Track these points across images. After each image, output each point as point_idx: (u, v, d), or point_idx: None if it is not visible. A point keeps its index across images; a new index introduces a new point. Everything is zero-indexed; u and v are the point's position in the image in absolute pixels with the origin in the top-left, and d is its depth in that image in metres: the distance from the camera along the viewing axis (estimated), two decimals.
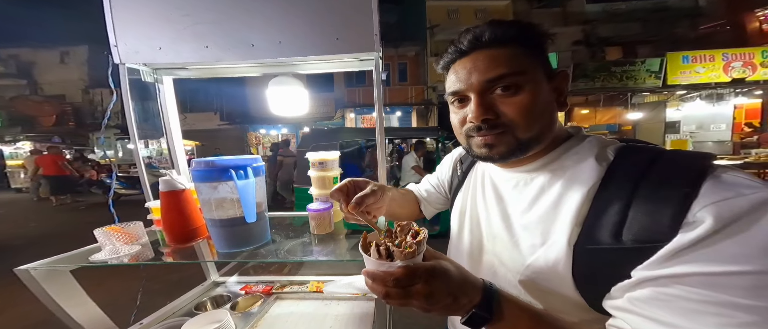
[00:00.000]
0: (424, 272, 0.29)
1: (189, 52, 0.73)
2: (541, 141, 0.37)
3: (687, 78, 6.80)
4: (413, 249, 0.30)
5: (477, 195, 0.47)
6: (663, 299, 0.25)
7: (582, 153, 0.36)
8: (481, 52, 0.36)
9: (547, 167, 0.38)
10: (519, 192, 0.40)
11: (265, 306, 0.85)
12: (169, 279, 1.39)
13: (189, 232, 0.62)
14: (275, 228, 0.76)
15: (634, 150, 0.33)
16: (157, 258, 0.60)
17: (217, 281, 0.99)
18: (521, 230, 0.38)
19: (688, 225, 0.25)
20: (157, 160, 6.02)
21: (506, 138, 0.36)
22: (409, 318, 1.77)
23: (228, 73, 0.86)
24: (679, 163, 0.29)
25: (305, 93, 0.92)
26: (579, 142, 0.37)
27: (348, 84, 10.11)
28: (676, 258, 0.25)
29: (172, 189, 0.60)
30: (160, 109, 0.89)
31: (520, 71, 0.35)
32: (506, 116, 0.35)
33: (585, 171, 0.34)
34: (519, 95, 0.35)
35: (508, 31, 0.35)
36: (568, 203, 0.34)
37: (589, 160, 0.34)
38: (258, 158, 0.64)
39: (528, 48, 0.36)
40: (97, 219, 0.61)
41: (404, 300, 0.29)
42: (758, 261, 0.22)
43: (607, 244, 0.29)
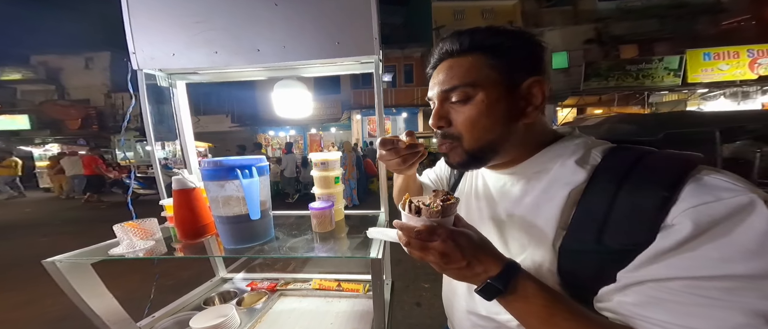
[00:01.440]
0: (443, 231, 0.31)
1: (200, 57, 0.78)
2: (495, 150, 0.38)
3: (709, 75, 6.48)
4: (438, 209, 0.32)
5: (471, 194, 0.49)
6: (653, 302, 0.26)
7: (566, 155, 0.36)
8: (446, 62, 0.39)
9: (530, 169, 0.39)
10: (505, 193, 0.42)
11: (270, 303, 0.88)
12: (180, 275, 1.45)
13: (199, 229, 0.65)
14: (279, 226, 0.78)
15: (622, 150, 0.33)
16: (170, 253, 0.64)
17: (225, 277, 1.03)
18: (509, 230, 0.40)
19: (666, 229, 0.26)
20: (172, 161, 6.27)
21: (456, 149, 0.39)
22: (412, 318, 1.76)
23: (236, 76, 0.91)
24: (661, 165, 0.29)
25: (309, 95, 0.95)
26: (565, 144, 0.37)
27: (354, 86, 10.22)
28: (657, 261, 0.26)
29: (183, 187, 0.64)
30: (174, 112, 0.94)
31: (470, 83, 0.36)
32: (456, 126, 0.38)
33: (567, 174, 0.34)
34: (467, 106, 0.37)
35: (465, 41, 0.36)
36: (551, 205, 0.34)
37: (570, 163, 0.35)
38: (263, 158, 0.67)
39: (489, 57, 0.35)
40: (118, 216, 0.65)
41: (421, 253, 0.32)
42: (737, 265, 0.23)
43: (591, 246, 0.30)
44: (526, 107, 0.36)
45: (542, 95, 0.36)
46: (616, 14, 8.34)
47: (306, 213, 0.80)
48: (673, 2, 8.03)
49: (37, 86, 11.26)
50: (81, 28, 13.22)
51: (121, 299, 0.63)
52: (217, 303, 0.90)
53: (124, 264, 1.31)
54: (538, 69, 0.36)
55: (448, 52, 0.38)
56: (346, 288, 0.92)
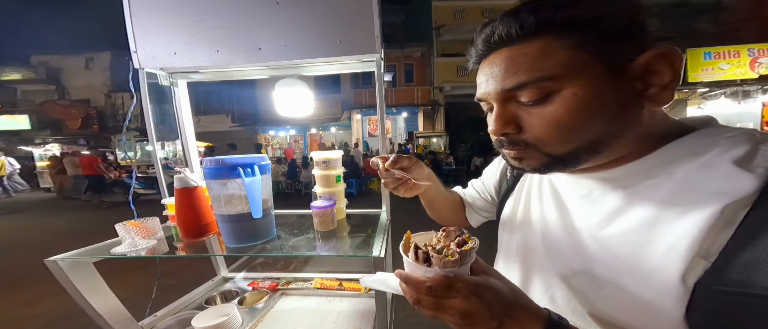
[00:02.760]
0: (464, 286, 0.24)
1: (202, 56, 0.78)
2: (599, 151, 0.28)
3: (710, 75, 6.47)
4: (455, 259, 0.26)
5: (532, 201, 0.39)
6: None
7: (712, 153, 0.25)
8: (501, 51, 0.28)
9: (638, 173, 0.28)
10: (591, 203, 0.31)
11: (271, 302, 0.88)
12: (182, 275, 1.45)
13: (201, 227, 0.65)
14: (280, 225, 0.78)
15: None
16: (172, 251, 0.64)
17: (227, 277, 1.03)
18: (596, 249, 0.30)
19: None
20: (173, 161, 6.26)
21: (533, 153, 0.30)
22: (414, 317, 1.76)
23: (237, 75, 0.91)
24: None
25: (310, 94, 0.95)
26: (704, 138, 0.26)
27: (354, 85, 10.21)
28: None
29: (185, 186, 0.64)
30: (176, 111, 0.94)
31: (547, 75, 0.26)
32: (531, 131, 0.29)
33: (717, 180, 0.24)
34: (548, 105, 0.27)
35: (528, 20, 0.26)
36: (683, 223, 0.24)
37: (724, 164, 0.24)
38: (265, 157, 0.67)
39: (571, 35, 0.25)
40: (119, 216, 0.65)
41: (436, 312, 0.26)
42: None
43: (761, 290, 0.20)
44: (646, 89, 0.26)
45: (673, 70, 0.25)
46: None
47: (307, 212, 0.80)
48: (675, 1, 8.01)
49: (37, 86, 11.28)
50: (82, 27, 13.26)
51: (123, 298, 0.63)
52: (218, 302, 0.90)
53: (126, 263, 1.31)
54: (644, 36, 0.26)
55: (502, 39, 0.28)
56: (348, 288, 0.92)
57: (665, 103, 0.26)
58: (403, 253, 0.30)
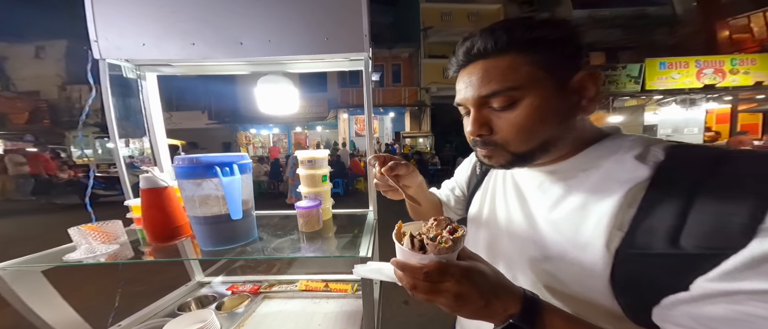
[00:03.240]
0: (457, 270, 0.28)
1: (175, 49, 0.72)
2: (547, 149, 0.34)
3: (664, 83, 7.19)
4: (449, 245, 0.29)
5: (497, 194, 0.45)
6: (741, 319, 0.22)
7: (620, 151, 0.32)
8: (477, 63, 0.34)
9: (576, 166, 0.35)
10: (543, 191, 0.37)
11: (253, 306, 0.84)
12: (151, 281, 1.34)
13: (171, 230, 0.61)
14: (262, 226, 0.75)
15: (690, 148, 0.30)
16: (137, 256, 0.59)
17: (202, 281, 0.97)
18: (547, 230, 0.35)
19: (765, 232, 0.22)
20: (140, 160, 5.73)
21: (501, 152, 0.35)
22: (401, 316, 1.78)
23: (215, 70, 0.85)
24: (750, 163, 0.26)
25: (295, 92, 0.92)
26: (617, 141, 0.34)
27: (341, 84, 10.06)
28: (753, 269, 0.22)
29: (153, 186, 0.59)
30: (142, 106, 0.86)
31: (513, 86, 0.32)
32: (500, 133, 0.34)
33: (625, 170, 0.31)
34: (513, 111, 0.33)
35: (502, 39, 0.32)
36: (604, 204, 0.31)
37: (628, 159, 0.31)
38: (245, 155, 0.63)
39: (530, 54, 0.31)
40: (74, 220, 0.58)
41: (431, 296, 0.28)
42: None
43: (659, 249, 0.26)
44: (580, 101, 0.33)
45: (596, 87, 0.32)
46: (588, 22, 8.94)
47: (291, 213, 0.77)
48: (636, 13, 8.79)
49: None
50: (31, 13, 11.72)
51: (83, 307, 0.58)
52: (193, 308, 0.85)
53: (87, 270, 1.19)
54: (582, 59, 0.33)
55: (480, 53, 0.33)
56: (334, 289, 0.91)
57: (592, 112, 0.34)
58: (397, 241, 0.32)
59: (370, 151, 0.82)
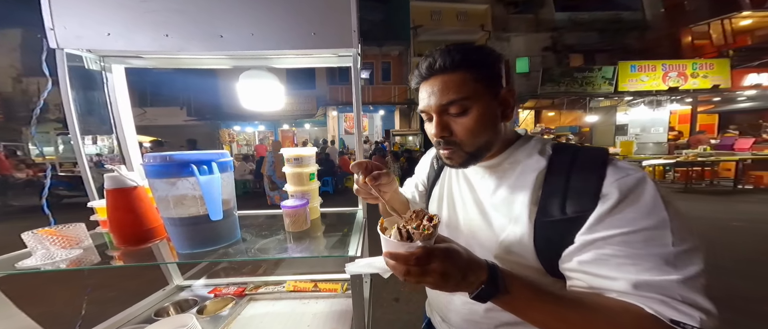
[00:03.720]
0: (440, 252, 0.32)
1: (146, 40, 0.67)
2: (489, 148, 0.45)
3: (634, 85, 7.70)
4: (431, 232, 0.33)
5: (453, 186, 0.54)
6: (602, 258, 0.34)
7: (529, 149, 0.45)
8: (437, 77, 0.42)
9: (504, 161, 0.46)
10: (485, 181, 0.48)
11: (237, 308, 0.81)
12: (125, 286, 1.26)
13: (143, 233, 0.57)
14: (246, 227, 0.72)
15: (563, 146, 0.44)
16: (105, 261, 0.54)
17: (182, 285, 0.92)
18: (491, 211, 0.45)
19: (603, 197, 0.35)
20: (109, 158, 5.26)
21: (458, 153, 0.44)
22: (392, 314, 1.79)
23: (192, 64, 0.80)
24: (592, 154, 0.40)
25: (280, 88, 0.88)
26: (527, 141, 0.47)
27: (331, 81, 9.87)
28: (601, 222, 0.34)
29: (120, 186, 0.54)
30: (108, 101, 0.79)
31: (466, 96, 0.41)
32: (456, 134, 0.43)
33: (534, 162, 0.43)
34: (466, 117, 0.42)
35: (456, 58, 0.41)
36: (524, 187, 0.42)
37: (535, 154, 0.44)
38: (225, 153, 0.60)
39: (476, 72, 0.41)
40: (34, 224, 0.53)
41: (422, 278, 0.32)
42: (644, 221, 0.33)
43: (557, 217, 0.37)
44: (504, 110, 0.44)
45: (514, 100, 0.44)
46: (568, 25, 9.36)
47: (277, 213, 0.75)
48: (611, 17, 9.29)
49: None
50: None
51: (45, 318, 0.53)
52: (172, 312, 0.80)
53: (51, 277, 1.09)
54: (505, 79, 0.43)
55: (440, 68, 0.42)
56: (324, 289, 0.89)
57: (511, 119, 0.45)
58: (383, 235, 0.35)
59: (360, 148, 0.81)
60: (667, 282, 0.31)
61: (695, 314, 0.30)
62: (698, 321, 0.29)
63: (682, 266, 0.31)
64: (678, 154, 5.60)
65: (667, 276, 0.31)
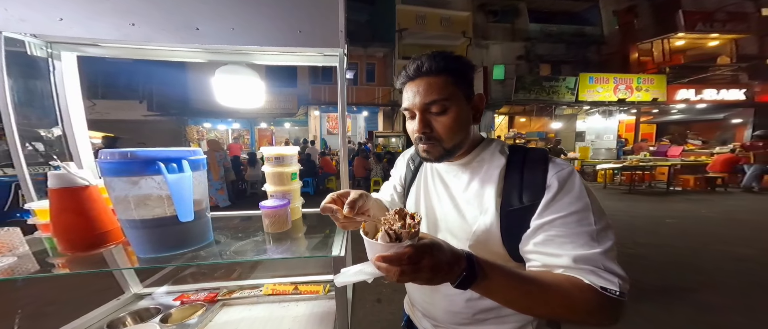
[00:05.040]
0: (428, 248, 0.33)
1: (107, 28, 0.61)
2: (462, 146, 0.50)
3: (591, 96, 8.60)
4: (416, 230, 0.34)
5: (429, 184, 0.58)
6: (549, 239, 0.41)
7: (492, 149, 0.52)
8: (423, 79, 0.47)
9: (473, 160, 0.52)
10: (458, 178, 0.53)
11: (208, 315, 0.75)
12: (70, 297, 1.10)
13: (95, 237, 0.51)
14: (219, 229, 0.67)
15: (516, 147, 0.51)
16: (45, 269, 0.47)
17: (141, 293, 0.83)
18: (464, 205, 0.50)
19: (548, 188, 0.43)
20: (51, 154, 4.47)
21: (437, 147, 0.49)
22: (374, 315, 1.78)
23: (161, 56, 0.73)
24: (538, 154, 0.48)
25: (261, 84, 0.84)
26: (489, 143, 0.53)
27: (313, 80, 9.59)
28: (547, 208, 0.42)
29: (68, 185, 0.48)
30: (54, 91, 0.69)
31: (446, 97, 0.46)
32: (436, 131, 0.48)
33: (496, 160, 0.50)
34: (445, 116, 0.47)
35: (441, 64, 0.46)
36: (491, 181, 0.48)
37: (497, 154, 0.51)
38: (198, 151, 0.56)
39: (454, 77, 0.47)
40: None
41: (414, 275, 0.33)
42: (575, 205, 0.41)
43: (517, 206, 0.44)
44: (475, 114, 0.51)
45: (483, 105, 0.51)
46: (540, 36, 10.13)
47: (254, 213, 0.71)
48: (576, 31, 10.28)
49: None
50: None
51: None
52: (129, 323, 0.72)
53: None
54: (474, 86, 0.50)
55: (426, 71, 0.47)
56: (304, 291, 0.87)
57: (478, 122, 0.52)
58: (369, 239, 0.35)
59: (344, 149, 0.80)
60: (594, 254, 0.39)
61: (615, 280, 0.38)
62: (618, 286, 0.37)
63: (602, 241, 0.39)
64: (624, 159, 6.40)
65: (593, 250, 0.39)
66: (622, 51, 10.08)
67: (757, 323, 1.56)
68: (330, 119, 10.18)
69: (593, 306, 0.37)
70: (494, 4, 10.02)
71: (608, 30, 10.39)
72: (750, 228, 3.20)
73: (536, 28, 10.19)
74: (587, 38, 10.41)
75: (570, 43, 10.32)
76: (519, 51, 9.99)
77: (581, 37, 10.37)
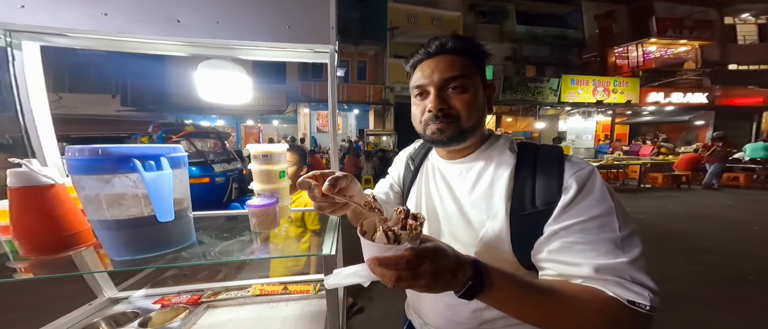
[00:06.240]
0: (429, 252, 0.30)
1: (77, 17, 0.56)
2: (475, 131, 0.47)
3: (573, 97, 9.02)
4: (418, 231, 0.31)
5: (430, 185, 0.54)
6: (567, 246, 0.37)
7: (501, 146, 0.48)
8: (443, 56, 0.45)
9: (480, 157, 0.49)
10: (463, 178, 0.49)
11: (192, 317, 0.72)
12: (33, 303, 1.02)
13: (63, 239, 0.47)
14: (202, 229, 0.65)
15: (526, 144, 0.48)
16: (5, 275, 0.44)
17: (116, 297, 0.78)
18: (470, 209, 0.46)
19: (565, 190, 0.39)
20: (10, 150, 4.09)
21: (452, 125, 0.45)
22: (365, 314, 1.78)
23: (136, 48, 0.68)
24: (552, 152, 0.45)
25: (248, 80, 0.80)
26: (497, 139, 0.50)
27: (303, 77, 9.37)
28: (565, 213, 0.38)
29: (31, 184, 0.44)
30: (14, 83, 0.63)
31: (468, 75, 0.45)
32: (455, 108, 0.45)
33: (506, 159, 0.46)
34: (465, 94, 0.45)
35: (464, 44, 0.45)
36: (500, 182, 0.44)
37: (507, 151, 0.47)
38: (179, 147, 0.53)
39: (474, 60, 0.46)
40: None
41: (413, 282, 0.30)
42: (597, 209, 0.37)
43: (529, 210, 0.40)
44: (488, 103, 0.49)
45: (494, 95, 0.50)
46: (526, 38, 10.48)
47: (239, 213, 0.69)
48: (559, 34, 10.71)
49: None
50: None
51: None
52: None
53: None
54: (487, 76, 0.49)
55: (449, 49, 0.45)
56: (294, 291, 0.85)
57: (491, 113, 0.50)
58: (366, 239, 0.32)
59: (334, 147, 0.79)
60: (619, 264, 0.34)
61: (644, 293, 0.33)
62: (648, 300, 0.33)
63: (628, 248, 0.35)
64: (601, 158, 6.81)
65: (618, 259, 0.34)
66: (602, 54, 10.64)
67: (713, 310, 1.71)
68: (320, 117, 10.02)
69: (618, 322, 0.33)
70: (484, 5, 10.22)
71: (589, 34, 10.91)
72: (709, 223, 3.48)
73: (523, 30, 10.52)
74: (570, 41, 10.88)
75: (554, 45, 10.74)
76: (507, 52, 10.28)
77: (564, 39, 10.82)
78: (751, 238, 2.98)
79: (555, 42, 10.67)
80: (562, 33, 10.77)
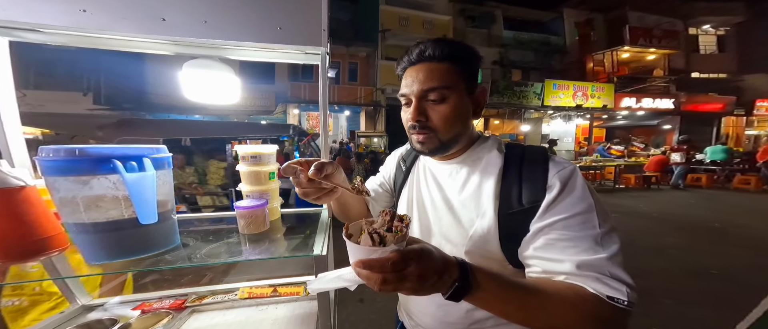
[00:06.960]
0: (415, 254, 0.30)
1: (53, 12, 0.53)
2: (458, 141, 0.47)
3: (555, 101, 9.48)
4: (405, 233, 0.31)
5: (421, 185, 0.55)
6: (550, 243, 0.38)
7: (489, 146, 0.49)
8: (424, 64, 0.44)
9: (469, 158, 0.50)
10: (453, 178, 0.50)
11: (175, 322, 0.70)
12: None
13: (33, 244, 0.44)
14: (187, 232, 0.63)
15: (513, 144, 0.49)
16: None
17: (91, 304, 0.74)
18: (460, 208, 0.47)
19: (549, 188, 0.40)
20: None
21: (432, 138, 0.46)
22: (355, 316, 1.77)
23: (118, 46, 0.65)
24: (536, 152, 0.46)
25: (236, 80, 0.79)
26: (485, 140, 0.51)
27: (293, 78, 9.20)
28: (549, 210, 0.39)
29: (0, 186, 0.41)
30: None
31: (446, 85, 0.43)
32: (432, 120, 0.45)
33: (493, 160, 0.47)
34: (443, 105, 0.44)
35: (445, 50, 0.43)
36: (488, 182, 0.45)
37: (494, 152, 0.48)
38: (162, 148, 0.52)
39: (458, 66, 0.44)
40: None
41: (399, 285, 0.29)
42: (578, 206, 0.39)
43: (516, 208, 0.42)
44: (475, 108, 0.48)
45: (485, 99, 0.49)
46: (512, 43, 10.88)
47: (227, 215, 0.67)
48: (543, 39, 11.21)
49: None
50: None
51: None
52: None
53: None
54: (478, 79, 0.47)
55: (429, 57, 0.44)
56: (284, 293, 0.84)
57: (479, 117, 0.51)
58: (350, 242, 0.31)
59: (325, 149, 0.79)
60: (599, 260, 0.35)
61: (622, 288, 0.34)
62: (626, 295, 0.34)
63: (607, 245, 0.36)
64: (580, 160, 7.21)
65: (598, 255, 0.35)
66: (581, 60, 11.24)
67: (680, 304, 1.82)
68: (310, 118, 9.87)
69: (599, 317, 0.34)
70: (473, 9, 10.52)
71: (570, 40, 11.50)
72: (675, 221, 3.76)
73: (510, 35, 10.90)
74: (552, 47, 11.40)
75: (538, 50, 11.22)
76: (494, 56, 10.61)
77: (548, 45, 11.33)
78: (711, 234, 3.23)
79: (539, 47, 11.14)
80: (546, 39, 11.28)
